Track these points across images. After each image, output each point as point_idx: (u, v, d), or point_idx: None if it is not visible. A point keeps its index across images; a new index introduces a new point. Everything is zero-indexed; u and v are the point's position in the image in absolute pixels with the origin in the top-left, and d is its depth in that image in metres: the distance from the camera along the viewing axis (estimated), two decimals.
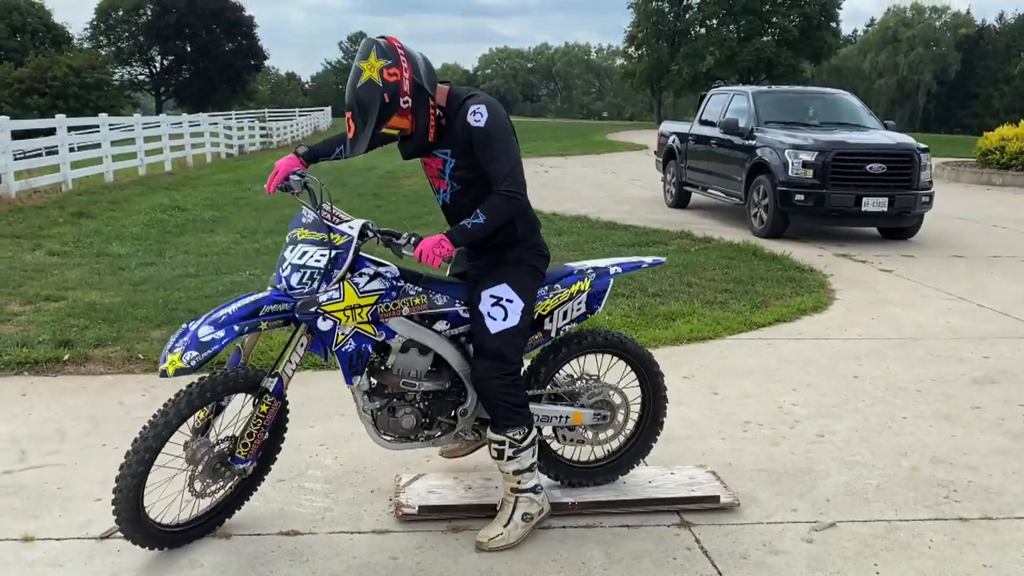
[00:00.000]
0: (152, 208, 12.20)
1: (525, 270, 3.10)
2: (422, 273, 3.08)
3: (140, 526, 2.88)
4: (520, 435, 3.06)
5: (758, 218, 10.55)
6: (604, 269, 3.38)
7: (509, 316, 3.01)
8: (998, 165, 19.09)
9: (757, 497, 3.53)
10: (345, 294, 2.90)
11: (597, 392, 3.40)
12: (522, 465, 3.11)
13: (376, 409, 3.08)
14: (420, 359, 3.09)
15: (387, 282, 2.97)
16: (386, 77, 2.75)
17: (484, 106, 2.89)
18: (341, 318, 2.91)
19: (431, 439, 3.21)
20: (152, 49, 67.10)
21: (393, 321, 3.00)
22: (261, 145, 31.58)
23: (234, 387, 2.94)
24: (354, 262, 2.93)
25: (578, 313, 3.32)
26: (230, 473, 3.01)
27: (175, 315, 5.96)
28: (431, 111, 2.88)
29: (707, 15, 53.32)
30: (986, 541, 3.21)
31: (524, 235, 3.10)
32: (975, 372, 5.26)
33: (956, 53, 75.09)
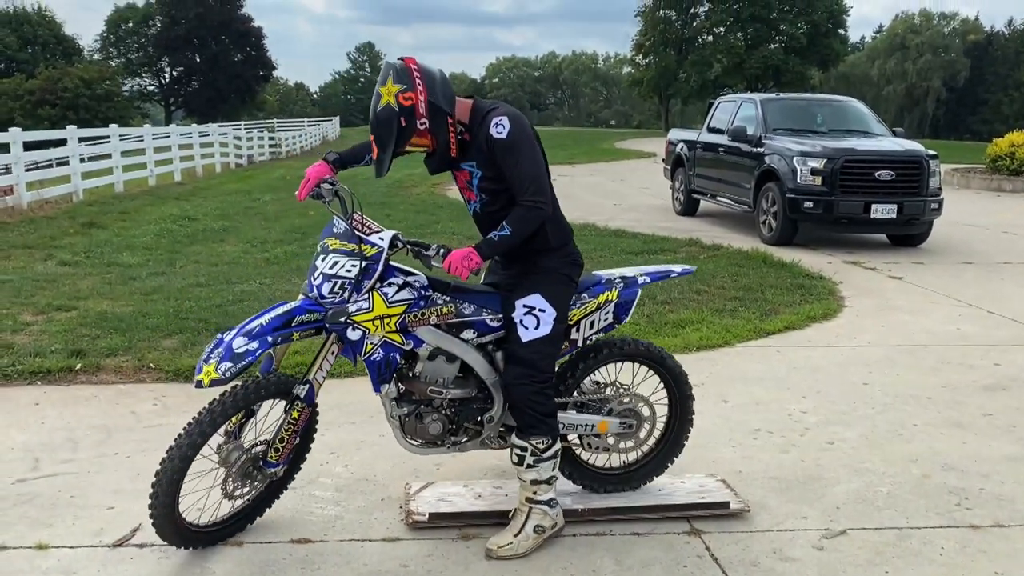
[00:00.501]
0: (162, 218, 12.27)
1: (558, 279, 3.13)
2: (450, 283, 3.12)
3: (175, 526, 2.95)
4: (543, 444, 3.08)
5: (767, 225, 10.54)
6: (632, 279, 3.39)
7: (541, 325, 3.05)
8: (1008, 171, 19.02)
9: (767, 504, 3.52)
10: (374, 304, 2.96)
11: (624, 401, 3.42)
12: (540, 476, 3.12)
13: (404, 415, 3.13)
14: (447, 367, 3.12)
15: (415, 292, 3.02)
16: (402, 101, 2.82)
17: (506, 118, 2.93)
18: (370, 328, 2.96)
19: (457, 445, 3.25)
20: (162, 60, 67.56)
21: (421, 330, 3.05)
22: (270, 155, 31.73)
23: (267, 393, 3.01)
24: (384, 273, 2.98)
25: (605, 323, 3.34)
26: (261, 476, 3.10)
27: (185, 324, 5.99)
28: (450, 128, 2.94)
29: (714, 23, 53.38)
30: (998, 549, 3.20)
31: (556, 243, 3.13)
32: (986, 379, 5.24)
33: (965, 59, 74.89)
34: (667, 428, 3.57)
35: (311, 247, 9.51)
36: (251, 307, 6.55)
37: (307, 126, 44.97)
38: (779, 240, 10.20)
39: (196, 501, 3.05)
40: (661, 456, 3.57)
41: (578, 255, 3.24)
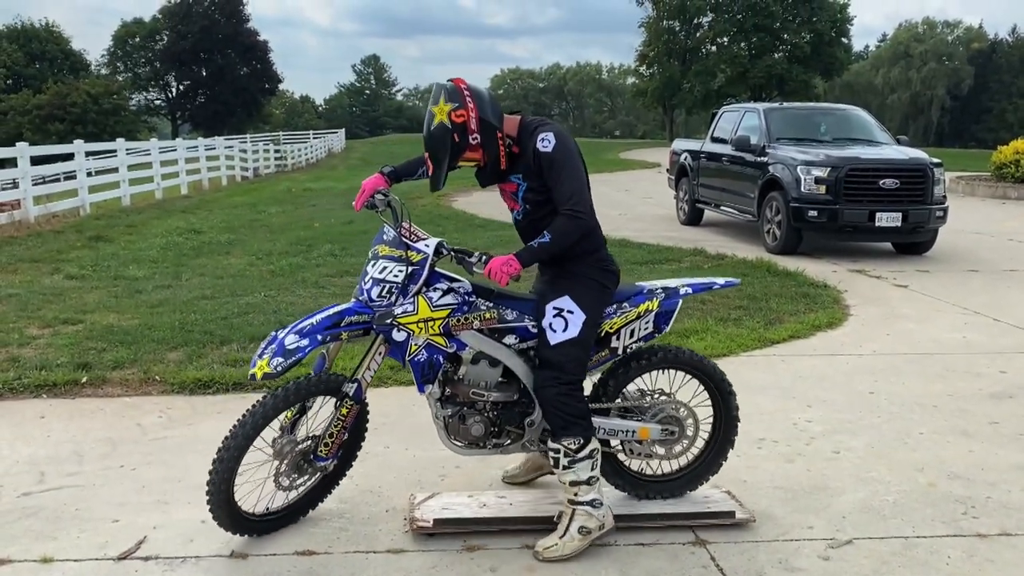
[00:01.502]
0: (168, 231, 12.32)
1: (589, 283, 3.20)
2: (493, 289, 3.23)
3: (231, 514, 3.14)
4: (575, 445, 3.13)
5: (771, 234, 10.53)
6: (674, 289, 3.44)
7: (569, 327, 3.13)
8: (1013, 179, 18.98)
9: (773, 514, 3.51)
10: (419, 308, 3.10)
11: (666, 408, 3.45)
12: (578, 477, 3.16)
13: (448, 416, 3.24)
14: (490, 371, 3.23)
15: (459, 297, 3.15)
16: (454, 119, 2.98)
17: (552, 133, 3.07)
18: (415, 330, 3.10)
19: (499, 447, 3.33)
20: (168, 74, 67.98)
21: (464, 334, 3.16)
22: (276, 168, 31.84)
23: (317, 390, 3.18)
24: (429, 278, 3.12)
25: (645, 332, 3.39)
26: (312, 470, 3.25)
27: (191, 337, 6.01)
28: (500, 142, 3.08)
29: (718, 33, 53.46)
30: (1006, 558, 3.18)
31: (585, 250, 3.20)
32: (992, 387, 5.22)
33: (969, 67, 74.87)
34: (711, 437, 3.59)
35: (316, 259, 9.55)
36: (256, 319, 6.58)
37: (313, 139, 45.15)
38: (783, 249, 10.20)
39: (251, 491, 3.21)
40: (703, 465, 3.59)
41: (611, 262, 3.30)
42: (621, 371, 3.42)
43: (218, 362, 5.48)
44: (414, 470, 3.91)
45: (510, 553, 3.18)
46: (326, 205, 16.49)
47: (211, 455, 4.03)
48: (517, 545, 3.23)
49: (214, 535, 3.27)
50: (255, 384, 5.06)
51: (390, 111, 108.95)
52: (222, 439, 3.12)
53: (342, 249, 10.25)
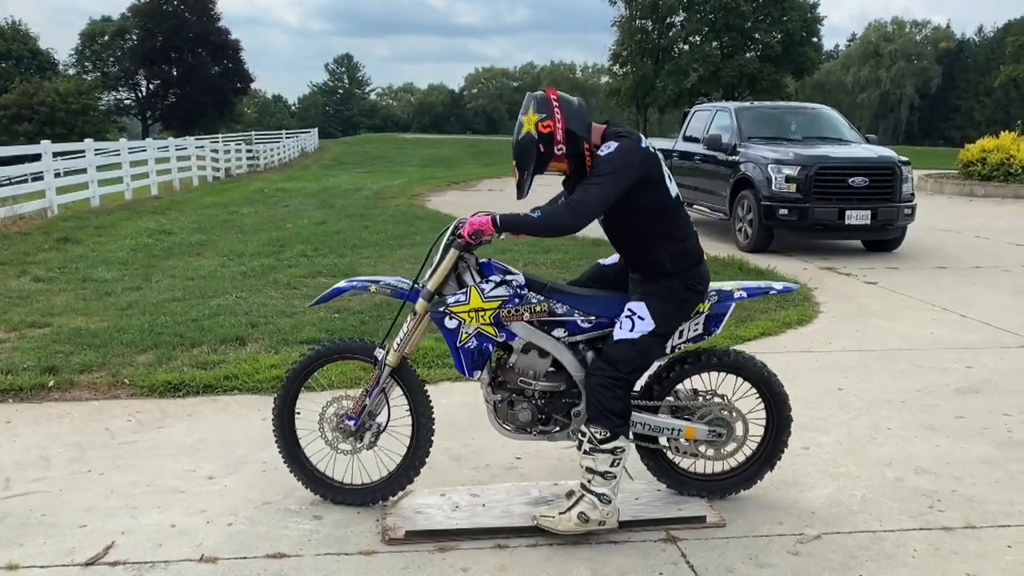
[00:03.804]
0: (138, 232, 12.17)
1: (670, 297, 3.27)
2: (546, 283, 3.40)
3: (304, 468, 3.55)
4: (600, 435, 3.19)
5: (743, 233, 10.62)
6: (728, 292, 3.49)
7: (634, 330, 3.21)
8: (980, 176, 19.28)
9: (743, 511, 3.54)
10: (471, 298, 3.25)
11: (714, 410, 3.49)
12: (595, 466, 3.22)
13: (497, 401, 3.39)
14: (540, 361, 3.36)
15: (511, 289, 3.28)
16: (541, 129, 3.11)
17: (616, 143, 3.12)
18: (465, 319, 3.26)
19: (546, 434, 3.43)
20: (138, 74, 67.04)
21: (515, 325, 3.29)
22: (248, 168, 31.55)
23: (349, 352, 3.55)
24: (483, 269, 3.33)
25: (695, 333, 3.45)
26: (344, 429, 3.45)
27: (161, 339, 5.95)
28: (586, 153, 3.16)
29: (690, 32, 53.64)
30: (970, 549, 3.24)
31: (674, 268, 3.28)
32: (959, 382, 5.30)
33: (937, 66, 75.98)
34: (762, 440, 3.62)
35: (288, 259, 9.49)
36: (227, 321, 6.52)
37: (285, 138, 44.81)
38: (755, 247, 10.28)
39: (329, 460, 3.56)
40: (751, 469, 3.63)
41: (700, 280, 3.35)
42: (672, 371, 3.49)
43: (188, 364, 5.43)
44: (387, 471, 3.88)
45: (482, 553, 3.18)
46: (299, 206, 16.38)
47: (181, 458, 4.05)
48: (490, 544, 3.24)
49: (183, 539, 3.25)
50: (233, 383, 5.04)
51: (364, 110, 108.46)
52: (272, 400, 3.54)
53: (314, 250, 10.19)
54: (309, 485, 3.55)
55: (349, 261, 9.40)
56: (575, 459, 4.00)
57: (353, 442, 3.47)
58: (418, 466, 3.51)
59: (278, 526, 3.38)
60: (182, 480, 3.82)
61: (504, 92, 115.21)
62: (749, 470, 3.62)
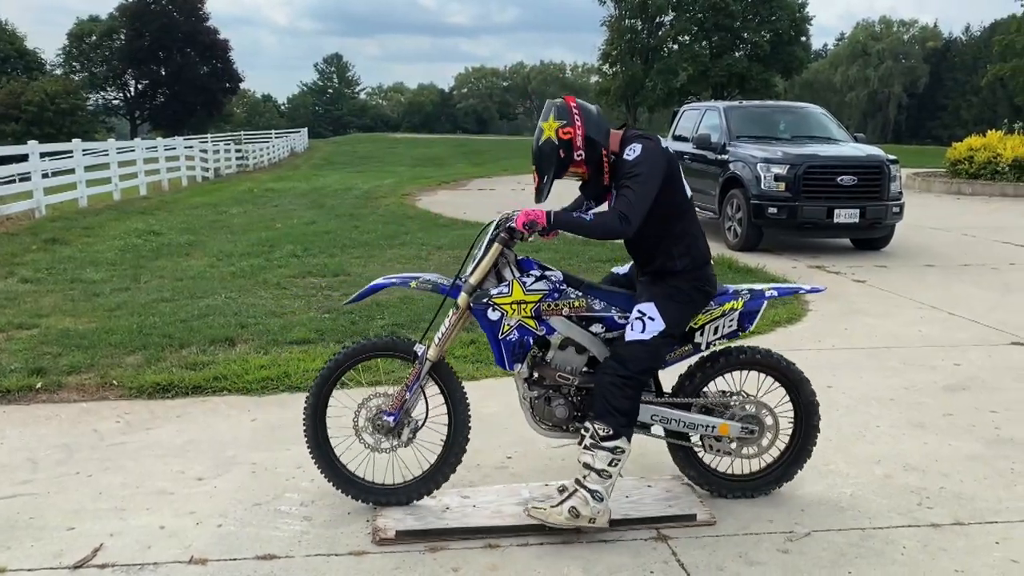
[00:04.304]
0: (127, 233, 12.12)
1: (677, 295, 3.33)
2: (583, 279, 3.45)
3: (333, 468, 3.47)
4: (604, 432, 3.22)
5: (732, 231, 10.65)
6: (759, 291, 3.55)
7: (645, 331, 3.26)
8: (967, 175, 19.40)
9: (733, 509, 3.55)
10: (513, 290, 3.30)
11: (746, 407, 3.53)
12: (593, 463, 3.23)
13: (534, 398, 3.41)
14: (576, 357, 3.41)
15: (551, 284, 3.34)
16: (561, 136, 3.20)
17: (641, 145, 3.20)
18: (508, 311, 3.30)
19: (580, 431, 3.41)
20: (126, 74, 66.79)
21: (554, 319, 3.33)
22: (237, 168, 31.44)
23: (387, 348, 3.49)
24: (523, 264, 3.36)
25: (729, 330, 3.49)
26: (382, 425, 3.40)
27: (150, 340, 5.92)
28: (604, 158, 3.26)
29: (679, 31, 53.80)
30: (958, 546, 3.25)
31: (684, 268, 3.35)
32: (947, 380, 5.33)
33: (925, 65, 76.38)
34: (791, 439, 3.65)
35: (278, 260, 9.46)
36: (216, 322, 6.50)
37: (275, 138, 44.67)
38: (744, 246, 10.31)
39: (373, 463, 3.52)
40: (783, 466, 3.66)
41: (708, 281, 3.42)
42: (704, 368, 3.54)
43: (177, 365, 5.41)
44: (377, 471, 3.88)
45: (472, 552, 3.18)
46: (288, 205, 16.34)
47: (171, 459, 4.03)
48: (480, 544, 3.23)
49: (173, 541, 3.24)
50: (222, 384, 5.02)
51: (354, 110, 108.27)
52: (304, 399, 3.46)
53: (304, 250, 10.16)
54: (339, 485, 3.48)
55: (339, 261, 9.38)
56: (565, 459, 4.03)
57: (391, 439, 3.43)
58: (454, 463, 3.49)
59: (268, 527, 3.37)
60: (171, 481, 3.80)
61: (494, 92, 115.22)
62: (780, 467, 3.66)
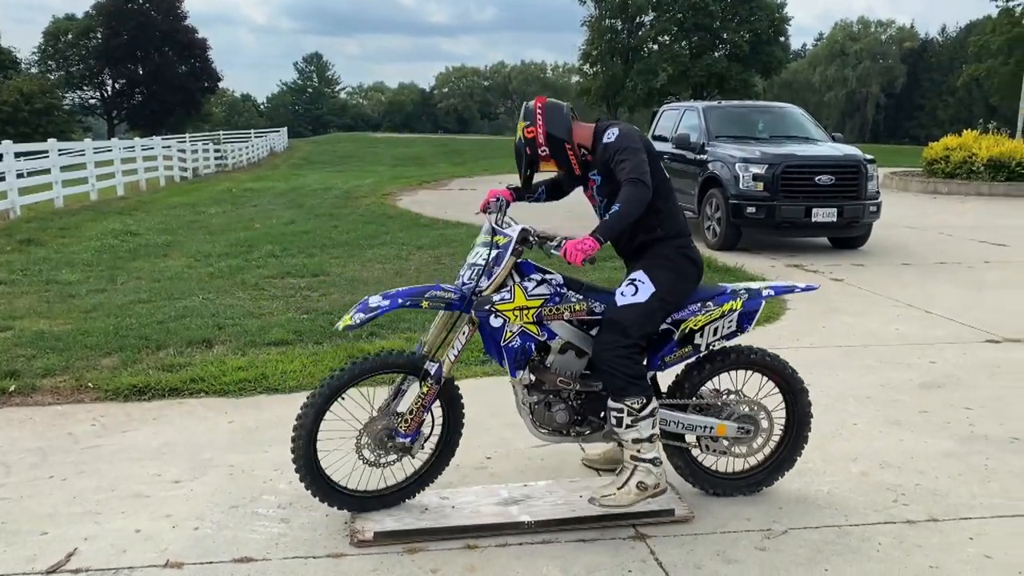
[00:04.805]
0: (103, 233, 12.00)
1: (664, 263, 3.38)
2: (583, 282, 3.44)
3: (319, 481, 3.31)
4: (638, 404, 3.26)
5: (711, 231, 10.70)
6: (757, 291, 3.56)
7: (638, 293, 3.30)
8: (943, 174, 19.59)
9: (711, 507, 3.56)
10: (516, 296, 3.29)
11: (741, 407, 3.56)
12: (641, 435, 3.28)
13: (534, 403, 3.40)
14: (576, 361, 3.40)
15: (552, 288, 3.33)
16: (526, 135, 3.37)
17: (616, 128, 3.36)
18: (510, 317, 3.28)
19: (581, 436, 3.48)
20: (103, 73, 66.10)
21: (555, 324, 3.34)
22: (216, 167, 31.23)
23: (395, 366, 3.36)
24: (523, 269, 3.33)
25: (728, 331, 3.50)
26: (393, 446, 3.34)
27: (126, 342, 5.86)
28: (569, 152, 3.39)
29: (659, 32, 53.99)
30: (933, 542, 3.28)
31: (666, 233, 3.41)
32: (923, 377, 5.38)
33: (902, 66, 77.12)
34: (783, 436, 3.69)
35: (256, 261, 9.40)
36: (194, 323, 6.45)
37: (254, 137, 44.38)
38: (723, 245, 10.36)
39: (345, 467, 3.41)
40: (776, 463, 3.69)
41: (693, 250, 3.48)
42: (698, 370, 3.54)
43: (154, 367, 5.36)
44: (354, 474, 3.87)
45: (451, 553, 3.18)
46: (267, 205, 16.24)
47: (147, 462, 3.99)
48: (459, 545, 3.23)
49: (148, 545, 3.21)
50: (199, 386, 4.97)
51: (334, 109, 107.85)
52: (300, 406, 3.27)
53: (283, 250, 10.11)
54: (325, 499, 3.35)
55: (318, 261, 9.33)
56: (545, 459, 4.03)
57: (399, 455, 3.36)
58: (442, 469, 3.51)
59: (245, 529, 3.34)
60: (147, 484, 3.77)
61: (475, 91, 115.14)
62: (773, 464, 3.70)
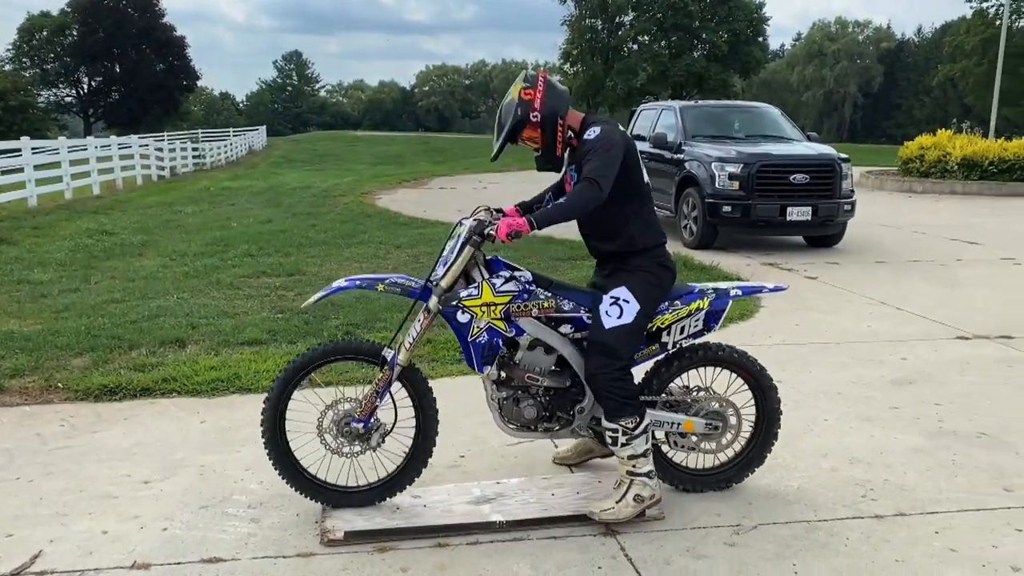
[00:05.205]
0: (78, 233, 11.88)
1: (645, 276, 3.40)
2: (552, 279, 3.45)
3: (292, 470, 3.38)
4: (632, 424, 3.31)
5: (688, 230, 10.75)
6: (724, 291, 3.59)
7: (624, 314, 3.31)
8: (918, 173, 19.79)
9: (682, 503, 3.58)
10: (483, 292, 3.29)
11: (709, 403, 3.59)
12: (636, 451, 3.34)
13: (503, 399, 3.43)
14: (545, 358, 3.42)
15: (520, 285, 3.34)
16: (523, 95, 3.33)
17: (600, 127, 3.33)
18: (477, 313, 3.29)
19: (549, 431, 3.51)
20: (79, 70, 65.38)
21: (523, 320, 3.34)
22: (194, 166, 31.00)
23: (357, 351, 3.42)
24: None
25: (695, 330, 3.53)
26: (349, 432, 3.37)
27: (98, 342, 5.81)
28: (559, 128, 3.35)
29: (639, 31, 54.14)
30: (900, 537, 3.32)
31: (645, 245, 3.43)
32: (894, 374, 5.43)
33: (879, 66, 77.88)
34: (754, 432, 3.71)
35: (232, 260, 9.34)
36: (167, 323, 6.40)
37: (233, 136, 44.09)
38: (700, 244, 10.42)
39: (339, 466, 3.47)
40: (747, 459, 3.72)
41: (668, 259, 3.51)
42: (666, 367, 3.57)
43: (126, 367, 5.31)
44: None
45: (422, 552, 3.17)
46: (245, 204, 16.14)
47: (116, 463, 3.96)
48: (430, 544, 3.22)
49: (115, 546, 3.18)
50: (171, 386, 4.95)
51: (314, 108, 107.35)
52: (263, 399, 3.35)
53: (259, 249, 10.05)
54: (301, 490, 3.41)
55: (294, 260, 9.28)
56: (518, 457, 4.04)
57: (360, 444, 3.39)
58: (421, 467, 3.47)
59: (215, 530, 3.32)
60: (116, 485, 3.73)
61: (456, 90, 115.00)
62: (744, 460, 3.72)
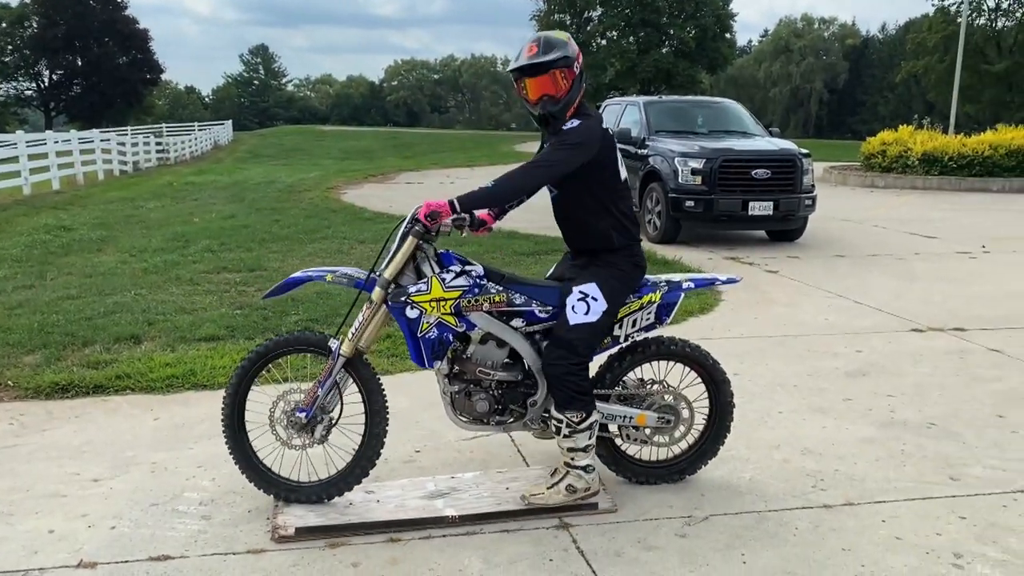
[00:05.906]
0: (35, 229, 11.67)
1: (616, 275, 3.41)
2: (504, 273, 3.45)
3: (250, 464, 3.43)
4: (577, 418, 3.34)
5: (652, 224, 10.81)
6: (677, 283, 3.60)
7: (590, 312, 3.31)
8: (880, 168, 20.07)
9: (635, 495, 3.61)
10: (432, 288, 3.27)
11: (664, 398, 3.61)
12: (576, 444, 3.38)
13: (455, 392, 3.43)
14: (497, 351, 3.42)
15: (471, 280, 3.32)
16: (573, 44, 3.36)
17: (580, 122, 3.32)
18: (427, 308, 3.27)
19: (502, 424, 3.51)
20: (39, 63, 64.16)
21: (474, 315, 3.33)
22: (158, 161, 30.60)
23: (307, 343, 3.44)
24: (443, 260, 3.33)
25: (647, 323, 3.54)
26: (295, 422, 3.38)
27: (50, 339, 5.72)
28: (580, 95, 3.37)
29: (607, 27, 54.31)
30: (848, 526, 3.37)
31: (620, 244, 3.44)
32: (848, 366, 5.51)
33: (844, 62, 78.80)
34: (707, 425, 3.73)
35: (192, 255, 9.24)
36: (123, 319, 6.31)
37: (198, 131, 43.57)
38: (663, 238, 10.48)
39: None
40: (700, 451, 3.74)
41: (641, 258, 3.52)
42: (619, 361, 3.58)
43: (78, 364, 5.24)
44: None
45: (374, 547, 3.16)
46: (208, 199, 15.95)
47: (65, 461, 3.90)
48: (382, 539, 3.22)
49: (62, 545, 3.14)
50: (125, 383, 4.89)
51: (280, 102, 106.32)
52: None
53: (220, 245, 9.94)
54: (260, 484, 3.43)
55: (256, 256, 9.20)
56: (474, 451, 4.04)
57: (304, 436, 3.38)
58: (373, 459, 3.45)
59: (164, 527, 3.29)
60: (64, 484, 3.68)
61: (425, 84, 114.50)
62: (697, 452, 3.75)
